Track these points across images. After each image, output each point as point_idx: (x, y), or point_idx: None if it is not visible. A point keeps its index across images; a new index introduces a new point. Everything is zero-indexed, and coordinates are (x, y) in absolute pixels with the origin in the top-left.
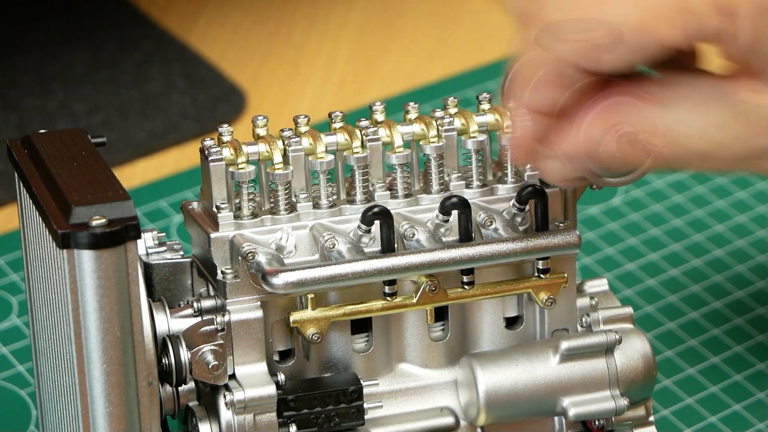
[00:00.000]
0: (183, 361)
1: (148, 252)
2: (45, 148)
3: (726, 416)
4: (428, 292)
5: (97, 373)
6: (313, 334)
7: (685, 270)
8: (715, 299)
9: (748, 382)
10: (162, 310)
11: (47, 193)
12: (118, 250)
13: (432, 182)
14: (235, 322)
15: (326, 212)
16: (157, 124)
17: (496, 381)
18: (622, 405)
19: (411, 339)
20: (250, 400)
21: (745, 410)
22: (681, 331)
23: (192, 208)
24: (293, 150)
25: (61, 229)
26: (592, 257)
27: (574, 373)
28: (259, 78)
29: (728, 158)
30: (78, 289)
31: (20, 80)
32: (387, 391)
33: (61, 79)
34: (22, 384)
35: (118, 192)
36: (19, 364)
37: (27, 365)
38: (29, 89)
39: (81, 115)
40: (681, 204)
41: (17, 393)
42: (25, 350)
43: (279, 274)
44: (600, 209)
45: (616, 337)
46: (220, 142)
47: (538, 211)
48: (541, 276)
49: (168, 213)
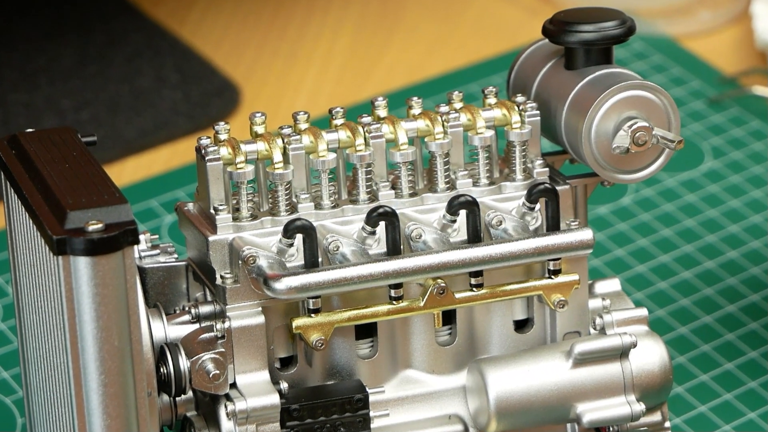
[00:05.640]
0: (182, 370)
1: (141, 255)
2: (34, 149)
3: (741, 425)
4: (435, 295)
5: (95, 384)
6: (316, 340)
7: (697, 272)
8: (730, 303)
9: (763, 389)
10: (158, 317)
11: (39, 197)
12: (115, 257)
13: (437, 180)
14: (236, 329)
15: (328, 213)
16: (148, 120)
17: (507, 387)
18: (638, 411)
19: (417, 344)
20: (253, 410)
21: (761, 418)
22: (694, 336)
23: (187, 209)
24: (293, 148)
25: (56, 235)
26: (600, 259)
27: (587, 378)
28: (253, 72)
29: None
30: (74, 297)
31: (4, 75)
32: (393, 399)
33: (48, 73)
34: (7, 391)
35: (114, 195)
36: (3, 371)
37: (12, 371)
38: (14, 84)
39: (68, 111)
40: (693, 203)
41: (2, 400)
42: (9, 356)
43: (281, 279)
44: (609, 209)
45: (631, 339)
46: (217, 141)
47: (549, 209)
48: (552, 277)
49: (159, 213)
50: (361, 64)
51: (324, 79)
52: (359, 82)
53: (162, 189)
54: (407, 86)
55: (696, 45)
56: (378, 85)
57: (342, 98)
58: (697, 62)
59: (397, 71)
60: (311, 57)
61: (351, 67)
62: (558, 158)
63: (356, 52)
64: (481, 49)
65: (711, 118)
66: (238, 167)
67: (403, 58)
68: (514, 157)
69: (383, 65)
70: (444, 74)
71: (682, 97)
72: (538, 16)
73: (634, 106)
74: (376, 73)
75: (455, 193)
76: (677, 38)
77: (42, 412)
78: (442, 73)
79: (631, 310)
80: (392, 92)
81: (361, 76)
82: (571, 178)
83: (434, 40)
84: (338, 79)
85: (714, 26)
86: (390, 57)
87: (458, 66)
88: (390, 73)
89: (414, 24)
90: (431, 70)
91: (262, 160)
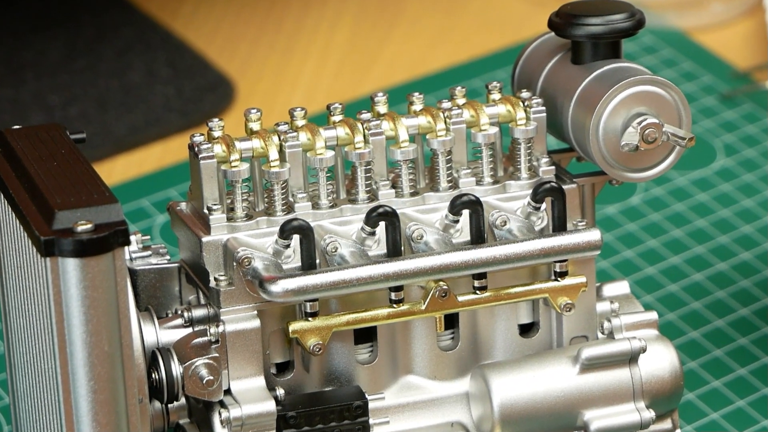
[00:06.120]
0: (175, 376)
1: (132, 257)
2: (21, 146)
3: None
4: (437, 298)
5: (84, 390)
6: (314, 345)
7: (709, 274)
8: (743, 306)
9: None
10: (150, 321)
11: (26, 196)
12: (105, 258)
13: (440, 179)
14: (231, 333)
15: (326, 213)
16: (139, 116)
17: (512, 393)
18: (647, 418)
19: (419, 349)
20: (248, 417)
21: None
22: (705, 341)
23: (180, 209)
24: (290, 146)
25: (43, 236)
26: (609, 260)
27: (595, 384)
28: (249, 66)
29: None
30: (62, 300)
31: None
32: (394, 406)
33: (35, 67)
34: None
35: (104, 194)
36: None
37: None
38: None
39: (56, 107)
40: (705, 203)
41: None
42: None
43: (277, 281)
44: (618, 209)
45: (640, 344)
46: (211, 138)
47: (555, 209)
48: (558, 279)
49: (151, 213)
50: (360, 58)
51: (322, 74)
52: (358, 76)
53: (154, 188)
54: (408, 81)
55: (708, 39)
56: (378, 80)
57: (340, 94)
58: (709, 56)
59: (397, 65)
60: (308, 51)
61: (350, 61)
62: (564, 156)
63: (355, 46)
64: (485, 42)
65: (723, 115)
66: (232, 165)
67: (404, 51)
68: (519, 155)
69: (383, 59)
70: (446, 69)
71: (694, 92)
72: (544, 8)
73: (643, 102)
74: (376, 68)
75: (458, 192)
76: (688, 31)
77: (29, 420)
78: (445, 68)
79: (641, 313)
80: (393, 87)
81: (361, 70)
82: (578, 177)
83: (436, 33)
84: (336, 73)
85: (726, 19)
86: (390, 51)
87: (461, 60)
88: (390, 67)
89: (415, 16)
90: (433, 65)
91: (258, 158)
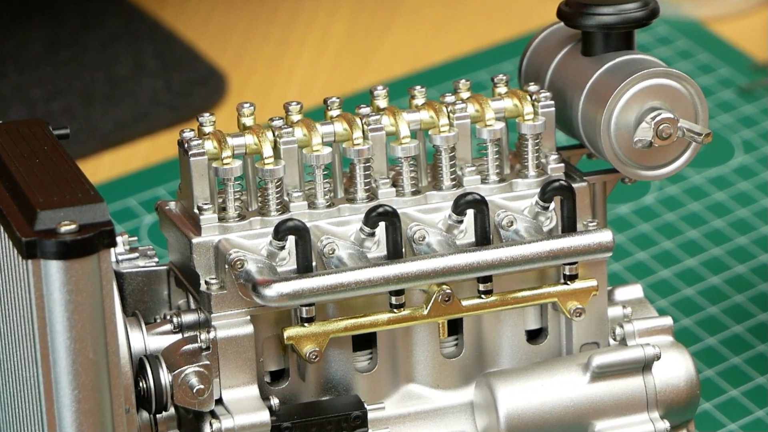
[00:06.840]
0: (163, 384)
1: (118, 259)
2: (1, 142)
3: None
4: (440, 302)
5: (67, 400)
6: (310, 352)
7: (727, 277)
8: (762, 311)
9: None
10: (137, 327)
11: (6, 195)
12: (90, 260)
13: (442, 177)
14: (222, 340)
15: (323, 213)
16: (126, 111)
17: (519, 403)
18: (662, 429)
19: (421, 356)
20: (241, 428)
21: None
22: (723, 348)
23: (169, 208)
24: (285, 142)
25: (24, 237)
26: (621, 263)
27: (607, 393)
28: (241, 59)
29: None
30: (45, 304)
31: None
32: (394, 416)
33: (16, 59)
34: None
35: (89, 193)
36: None
37: None
38: None
39: (39, 101)
40: (723, 202)
41: None
42: None
43: (272, 285)
44: (630, 208)
45: (654, 351)
46: (201, 134)
47: (564, 209)
48: (568, 283)
49: (138, 213)
50: (359, 50)
51: (318, 67)
52: (357, 69)
53: (141, 186)
54: (410, 74)
55: (725, 29)
56: (378, 73)
57: (338, 87)
58: (727, 48)
59: (398, 57)
60: (304, 42)
61: (348, 52)
62: (574, 153)
63: (354, 36)
64: (490, 33)
65: (742, 109)
66: (224, 163)
67: (406, 42)
68: (526, 152)
69: (383, 51)
70: (450, 61)
71: (711, 85)
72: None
73: (657, 96)
74: (376, 60)
75: (462, 191)
76: (705, 21)
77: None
78: (448, 60)
79: (655, 319)
80: (393, 80)
81: (359, 62)
82: (588, 175)
83: (439, 23)
84: (334, 65)
85: (745, 9)
86: (391, 41)
87: (465, 52)
88: (391, 59)
89: (417, 5)
90: (436, 56)
91: (251, 154)
